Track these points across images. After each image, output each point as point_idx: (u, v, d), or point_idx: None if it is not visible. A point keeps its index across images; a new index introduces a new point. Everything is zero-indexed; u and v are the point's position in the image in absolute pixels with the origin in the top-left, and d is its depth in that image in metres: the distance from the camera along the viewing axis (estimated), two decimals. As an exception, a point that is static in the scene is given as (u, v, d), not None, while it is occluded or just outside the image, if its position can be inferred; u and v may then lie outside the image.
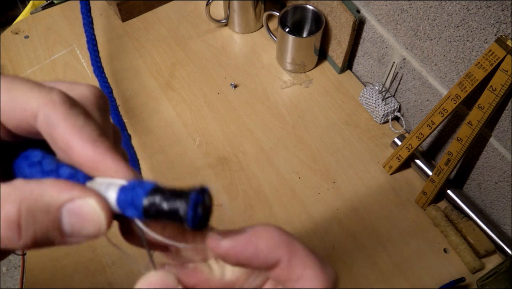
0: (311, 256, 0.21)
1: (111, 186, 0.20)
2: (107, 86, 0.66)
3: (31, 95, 0.20)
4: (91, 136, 0.20)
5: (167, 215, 0.19)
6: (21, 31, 0.85)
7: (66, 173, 0.20)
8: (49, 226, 0.19)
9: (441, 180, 0.62)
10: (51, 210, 0.19)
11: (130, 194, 0.20)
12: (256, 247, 0.20)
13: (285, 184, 0.68)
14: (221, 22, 0.85)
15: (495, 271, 0.57)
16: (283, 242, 0.21)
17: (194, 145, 0.72)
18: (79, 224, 0.19)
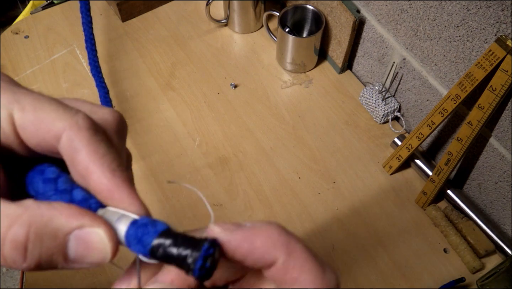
0: (311, 259, 0.20)
1: (122, 218, 0.20)
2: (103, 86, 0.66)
3: (56, 117, 0.20)
4: (111, 166, 0.20)
5: (174, 261, 0.19)
6: (21, 31, 0.85)
7: (79, 197, 0.20)
8: (54, 251, 0.19)
9: (441, 180, 0.62)
10: (59, 235, 0.19)
11: (141, 231, 0.20)
12: (252, 244, 0.20)
13: (285, 184, 0.68)
14: (221, 22, 0.85)
15: (495, 271, 0.57)
16: (281, 241, 0.20)
17: (194, 145, 0.72)
18: (85, 251, 0.19)
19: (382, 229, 0.64)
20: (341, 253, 0.62)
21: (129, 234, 0.20)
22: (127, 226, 0.20)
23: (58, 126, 0.20)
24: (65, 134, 0.20)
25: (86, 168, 0.20)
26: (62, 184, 0.21)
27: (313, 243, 0.63)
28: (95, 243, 0.19)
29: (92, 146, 0.20)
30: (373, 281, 0.61)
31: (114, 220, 0.20)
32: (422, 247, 0.63)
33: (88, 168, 0.20)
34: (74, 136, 0.20)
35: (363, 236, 0.64)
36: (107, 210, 0.20)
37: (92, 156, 0.20)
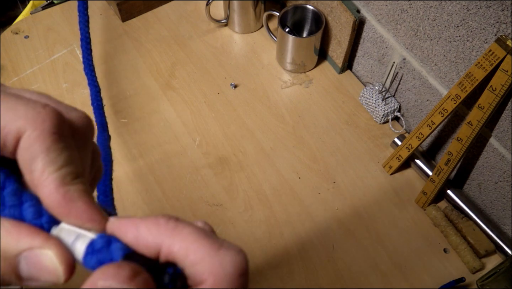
0: (199, 239, 0.18)
1: (80, 238, 0.19)
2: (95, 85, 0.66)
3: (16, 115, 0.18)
4: (66, 179, 0.19)
5: None
6: (21, 31, 0.85)
7: (30, 215, 0.19)
8: (5, 270, 0.18)
9: (441, 180, 0.62)
10: (8, 256, 0.18)
11: (97, 257, 0.19)
12: (137, 229, 0.19)
13: (285, 184, 0.68)
14: (221, 22, 0.85)
15: (495, 271, 0.57)
16: (165, 227, 0.19)
17: (194, 145, 0.72)
18: (36, 272, 0.18)
19: (382, 229, 0.64)
20: (341, 253, 0.62)
21: (87, 259, 0.19)
22: (84, 249, 0.19)
23: (18, 125, 0.18)
24: (25, 136, 0.18)
25: (38, 179, 0.18)
26: (9, 198, 0.19)
27: (313, 243, 0.63)
28: (45, 264, 0.18)
29: (51, 155, 0.19)
30: (373, 281, 0.61)
31: (70, 240, 0.19)
32: (422, 247, 0.63)
33: (41, 180, 0.18)
34: (34, 140, 0.18)
35: (363, 236, 0.64)
36: (62, 229, 0.19)
37: (49, 166, 0.18)
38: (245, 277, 0.18)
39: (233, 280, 0.18)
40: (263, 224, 0.65)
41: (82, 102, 0.76)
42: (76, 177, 0.19)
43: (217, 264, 0.18)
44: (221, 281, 0.18)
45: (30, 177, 0.19)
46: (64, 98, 0.76)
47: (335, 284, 0.60)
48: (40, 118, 0.19)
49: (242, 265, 0.18)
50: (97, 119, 0.62)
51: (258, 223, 0.65)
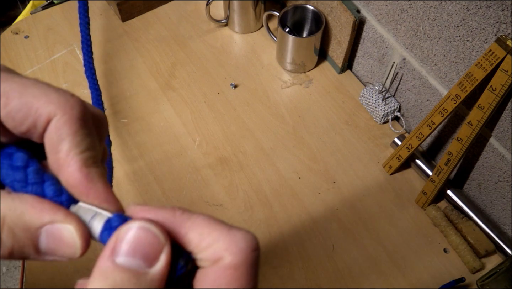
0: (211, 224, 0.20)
1: (97, 216, 0.20)
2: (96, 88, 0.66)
3: (47, 100, 0.20)
4: (88, 162, 0.20)
5: None
6: (21, 31, 0.85)
7: (51, 192, 0.20)
8: (26, 243, 0.19)
9: (441, 180, 0.62)
10: (30, 229, 0.19)
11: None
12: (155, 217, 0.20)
13: (285, 184, 0.68)
14: (221, 22, 0.85)
15: (495, 271, 0.57)
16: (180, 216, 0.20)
17: (194, 145, 0.72)
18: (55, 246, 0.19)
19: (382, 229, 0.64)
20: (341, 253, 0.62)
21: (103, 235, 0.20)
22: (101, 226, 0.20)
23: (50, 109, 0.20)
24: (55, 120, 0.20)
25: (64, 159, 0.20)
26: (32, 176, 0.20)
27: (313, 243, 0.63)
28: (65, 238, 0.19)
29: (77, 138, 0.20)
30: (373, 281, 0.61)
31: (88, 217, 0.20)
32: (422, 247, 0.63)
33: (67, 160, 0.20)
34: (64, 124, 0.20)
35: (363, 236, 0.64)
36: (80, 206, 0.20)
37: (74, 148, 0.20)
38: (257, 252, 0.20)
39: (247, 254, 0.19)
40: (263, 224, 0.65)
41: (82, 102, 0.76)
42: (96, 161, 0.21)
43: (230, 241, 0.19)
44: (236, 256, 0.19)
45: (55, 156, 0.20)
46: (64, 98, 0.76)
47: (335, 284, 0.60)
48: (69, 104, 0.20)
49: (253, 241, 0.20)
50: None
51: (258, 223, 0.65)
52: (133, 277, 0.18)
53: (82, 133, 0.20)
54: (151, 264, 0.18)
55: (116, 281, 0.18)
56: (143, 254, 0.18)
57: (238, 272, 0.19)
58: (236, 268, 0.19)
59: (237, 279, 0.19)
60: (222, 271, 0.19)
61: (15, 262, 1.38)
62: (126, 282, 0.18)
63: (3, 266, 1.37)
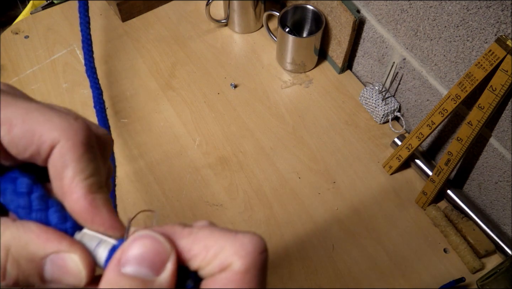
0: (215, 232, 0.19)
1: (102, 244, 0.20)
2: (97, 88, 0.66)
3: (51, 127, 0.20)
4: (93, 188, 0.20)
5: None
6: (21, 31, 0.85)
7: (55, 219, 0.20)
8: (31, 273, 0.19)
9: (441, 180, 0.62)
10: (35, 259, 0.19)
11: None
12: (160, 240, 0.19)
13: (285, 184, 0.68)
14: (221, 22, 0.85)
15: (495, 271, 0.57)
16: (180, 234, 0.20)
17: (194, 145, 0.72)
18: (60, 275, 0.19)
19: (382, 229, 0.64)
20: (341, 253, 0.62)
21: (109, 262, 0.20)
22: (106, 254, 0.20)
23: (54, 136, 0.20)
24: (59, 146, 0.20)
25: (68, 186, 0.20)
26: (36, 202, 0.20)
27: (313, 243, 0.63)
28: (70, 268, 0.19)
29: (82, 164, 0.20)
30: (373, 281, 0.61)
31: (93, 245, 0.20)
32: (422, 247, 0.63)
33: (71, 187, 0.20)
34: (68, 150, 0.20)
35: (363, 236, 0.64)
36: (85, 234, 0.20)
37: (78, 174, 0.20)
38: (266, 253, 0.20)
39: (256, 257, 0.19)
40: (263, 224, 0.65)
41: (82, 102, 0.76)
42: (101, 186, 0.21)
43: (238, 246, 0.19)
44: (245, 259, 0.19)
45: (59, 183, 0.20)
46: (64, 98, 0.77)
47: (335, 284, 0.60)
48: (72, 130, 0.20)
49: (260, 242, 0.19)
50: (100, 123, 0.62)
51: (258, 223, 0.65)
52: (140, 285, 0.18)
53: (86, 158, 0.20)
54: (158, 272, 0.18)
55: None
56: (149, 262, 0.18)
57: (248, 275, 0.19)
58: (246, 272, 0.19)
59: (248, 283, 0.19)
60: (232, 276, 0.19)
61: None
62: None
63: (3, 266, 1.37)
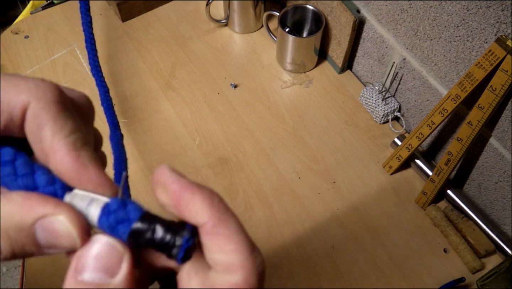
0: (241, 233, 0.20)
1: (93, 202, 0.19)
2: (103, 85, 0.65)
3: (20, 90, 0.19)
4: (77, 145, 0.19)
5: (155, 247, 0.19)
6: (21, 31, 0.85)
7: (43, 181, 0.19)
8: (25, 242, 0.19)
9: (441, 180, 0.62)
10: (24, 228, 0.19)
11: (114, 218, 0.19)
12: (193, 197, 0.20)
13: (285, 184, 0.68)
14: (221, 22, 0.85)
15: (495, 271, 0.57)
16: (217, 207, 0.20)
17: (194, 145, 0.72)
18: (53, 239, 0.19)
19: (382, 229, 0.64)
20: (341, 253, 0.62)
21: (102, 221, 0.19)
22: (99, 212, 0.19)
23: (23, 98, 0.19)
24: (31, 108, 0.19)
25: (50, 146, 0.19)
26: (21, 168, 0.19)
27: (313, 243, 0.63)
28: (59, 230, 0.19)
29: (59, 122, 0.19)
30: (373, 281, 0.61)
31: (84, 204, 0.19)
32: (422, 247, 0.63)
33: (52, 146, 0.19)
34: (40, 110, 0.19)
35: (363, 236, 0.64)
36: (76, 194, 0.20)
37: (57, 133, 0.19)
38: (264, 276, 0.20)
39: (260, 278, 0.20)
40: (263, 224, 0.65)
41: (82, 102, 0.76)
42: (86, 143, 0.20)
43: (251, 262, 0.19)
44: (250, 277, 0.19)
45: (40, 146, 0.19)
46: (64, 98, 0.76)
47: (335, 284, 0.60)
48: (41, 90, 0.19)
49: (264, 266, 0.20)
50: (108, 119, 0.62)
51: (258, 223, 0.65)
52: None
53: (63, 116, 0.19)
54: (113, 275, 0.19)
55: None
56: (103, 267, 0.19)
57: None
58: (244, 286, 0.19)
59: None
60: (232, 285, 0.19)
61: (15, 262, 1.38)
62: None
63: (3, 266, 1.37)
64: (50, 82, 0.20)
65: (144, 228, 0.19)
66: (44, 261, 0.61)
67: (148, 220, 0.20)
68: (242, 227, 0.20)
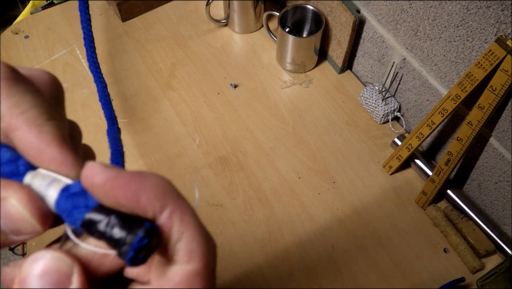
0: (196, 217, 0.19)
1: (54, 183, 0.18)
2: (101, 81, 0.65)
3: None
4: (37, 121, 0.18)
5: (105, 239, 0.18)
6: (21, 31, 0.85)
7: (6, 157, 0.18)
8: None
9: (441, 180, 0.62)
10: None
11: (71, 203, 0.18)
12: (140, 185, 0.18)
13: (285, 184, 0.68)
14: (221, 22, 0.85)
15: (495, 271, 0.57)
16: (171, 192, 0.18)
17: (194, 145, 0.72)
18: (9, 223, 0.17)
19: (382, 229, 0.64)
20: (341, 253, 0.62)
21: (59, 204, 0.18)
22: (57, 194, 0.18)
23: None
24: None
25: (8, 124, 0.17)
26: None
27: (313, 243, 0.63)
28: (12, 213, 0.17)
29: (13, 98, 0.18)
30: (373, 281, 0.61)
31: (44, 185, 0.18)
32: (422, 247, 0.63)
33: (11, 124, 0.17)
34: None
35: (363, 236, 0.64)
36: (38, 173, 0.18)
37: (14, 109, 0.17)
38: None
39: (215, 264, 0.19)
40: (263, 224, 0.65)
41: (82, 102, 0.76)
42: (49, 119, 0.18)
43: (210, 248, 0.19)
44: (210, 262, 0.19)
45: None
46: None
47: (335, 284, 0.60)
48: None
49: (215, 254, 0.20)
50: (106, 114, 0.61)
51: (258, 223, 0.65)
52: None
53: (17, 91, 0.18)
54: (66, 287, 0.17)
55: None
56: (52, 285, 0.17)
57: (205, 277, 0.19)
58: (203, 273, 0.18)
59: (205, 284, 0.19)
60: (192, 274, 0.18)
61: (15, 262, 1.38)
62: None
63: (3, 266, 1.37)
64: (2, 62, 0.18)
65: (99, 219, 0.17)
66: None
67: (107, 211, 0.18)
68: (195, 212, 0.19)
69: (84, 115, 0.74)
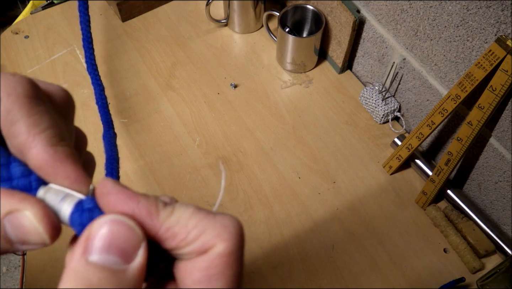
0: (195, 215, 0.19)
1: (67, 198, 0.19)
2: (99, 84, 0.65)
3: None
4: (53, 140, 0.19)
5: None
6: (21, 31, 0.85)
7: (18, 172, 0.19)
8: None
9: (441, 180, 0.62)
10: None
11: (86, 217, 0.18)
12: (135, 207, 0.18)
13: (285, 184, 0.68)
14: (221, 22, 0.85)
15: (495, 271, 0.57)
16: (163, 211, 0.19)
17: (194, 145, 0.72)
18: (21, 235, 0.18)
19: (382, 229, 0.64)
20: (341, 253, 0.62)
21: (73, 218, 0.18)
22: (72, 208, 0.18)
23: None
24: (2, 104, 0.18)
25: (24, 142, 0.18)
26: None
27: (313, 243, 0.63)
28: (26, 226, 0.18)
29: (33, 117, 0.18)
30: (373, 281, 0.61)
31: (57, 199, 0.19)
32: (422, 247, 0.63)
33: (28, 142, 0.18)
34: (12, 105, 0.18)
35: (363, 236, 0.64)
36: (50, 188, 0.19)
37: (33, 128, 0.18)
38: (244, 235, 0.19)
39: (238, 240, 0.18)
40: (263, 224, 0.65)
41: (82, 102, 0.76)
42: (63, 139, 0.19)
43: (220, 228, 0.18)
44: (229, 242, 0.18)
45: (15, 142, 0.19)
46: (64, 98, 0.77)
47: (335, 284, 0.60)
48: (11, 85, 0.19)
49: (239, 224, 0.19)
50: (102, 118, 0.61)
51: (258, 223, 0.65)
52: (111, 275, 0.17)
53: (37, 111, 0.19)
54: (129, 260, 0.17)
55: (92, 281, 0.16)
56: (119, 250, 0.17)
57: (232, 258, 0.18)
58: (230, 254, 0.18)
59: (231, 265, 0.18)
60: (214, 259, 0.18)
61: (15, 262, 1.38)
62: (104, 281, 0.16)
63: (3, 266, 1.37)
64: (21, 76, 0.19)
65: None
66: (44, 261, 0.61)
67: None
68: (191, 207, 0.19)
69: (84, 115, 0.74)
